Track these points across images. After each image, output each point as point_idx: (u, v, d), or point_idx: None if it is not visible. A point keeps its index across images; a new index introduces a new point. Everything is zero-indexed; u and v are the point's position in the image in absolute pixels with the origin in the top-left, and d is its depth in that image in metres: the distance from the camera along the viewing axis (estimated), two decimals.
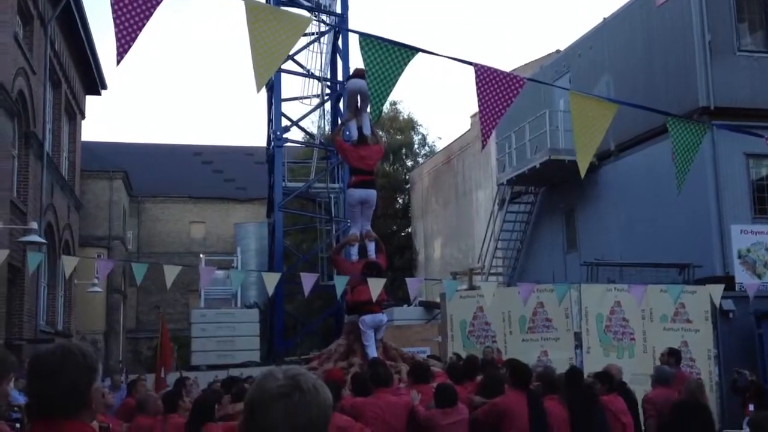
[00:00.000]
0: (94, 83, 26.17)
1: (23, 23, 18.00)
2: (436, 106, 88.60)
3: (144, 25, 3.13)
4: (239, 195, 44.46)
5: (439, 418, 7.31)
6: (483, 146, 4.94)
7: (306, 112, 24.94)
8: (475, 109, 29.39)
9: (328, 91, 24.57)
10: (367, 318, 9.83)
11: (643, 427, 8.34)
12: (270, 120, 24.71)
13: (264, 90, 25.47)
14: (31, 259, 9.10)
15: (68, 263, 8.48)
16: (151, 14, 3.17)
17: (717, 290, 10.29)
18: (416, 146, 42.66)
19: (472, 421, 7.49)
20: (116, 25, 3.09)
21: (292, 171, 27.42)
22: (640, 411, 8.78)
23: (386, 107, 42.58)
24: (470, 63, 4.70)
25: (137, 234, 43.19)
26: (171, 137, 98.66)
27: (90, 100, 27.12)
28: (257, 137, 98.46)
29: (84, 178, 30.62)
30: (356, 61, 21.01)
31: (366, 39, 4.25)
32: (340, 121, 23.00)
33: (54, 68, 20.95)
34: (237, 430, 7.39)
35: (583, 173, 5.17)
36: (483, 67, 4.65)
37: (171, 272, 8.00)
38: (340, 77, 23.89)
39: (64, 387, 2.47)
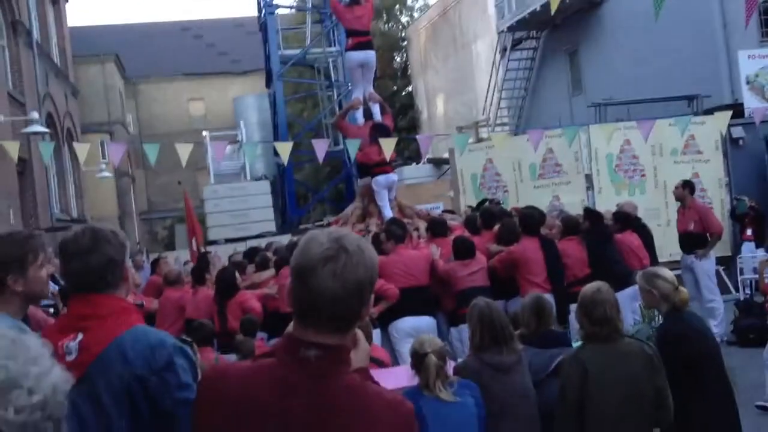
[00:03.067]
0: None
1: None
2: None
3: None
4: (234, 68, 43.70)
5: (459, 270, 7.48)
6: None
7: None
8: None
9: None
10: (381, 178, 9.83)
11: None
12: None
13: None
14: (43, 148, 9.05)
15: (80, 149, 8.44)
16: None
17: (724, 118, 10.20)
18: (410, 1, 41.38)
19: (490, 269, 7.66)
20: None
21: (286, 38, 26.78)
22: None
23: None
24: None
25: (137, 117, 42.88)
26: (158, 14, 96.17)
27: None
28: (246, 6, 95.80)
29: (76, 64, 30.05)
30: None
31: None
32: None
33: None
34: (268, 298, 7.61)
35: (554, 10, 5.06)
36: None
37: (184, 150, 7.96)
38: None
39: (100, 262, 2.50)
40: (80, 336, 2.43)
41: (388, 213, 9.79)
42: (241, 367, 2.03)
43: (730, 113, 10.60)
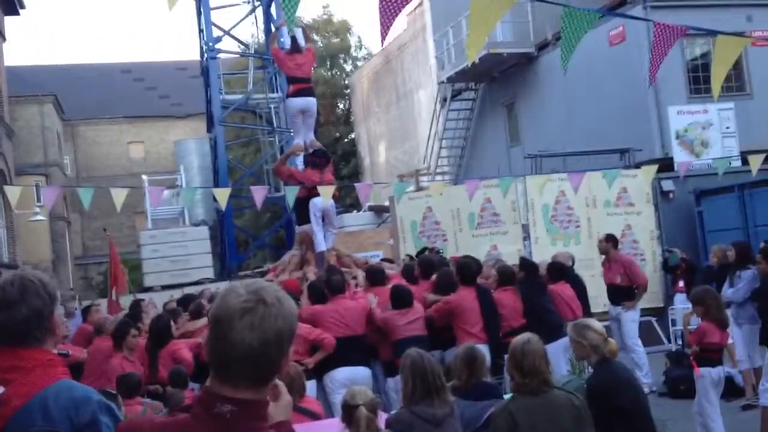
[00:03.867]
0: (12, 2, 24.89)
1: None
2: (369, 6, 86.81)
3: None
4: (176, 112, 43.49)
5: (396, 319, 7.47)
6: (382, 42, 4.86)
7: (238, 20, 24.17)
8: (412, 6, 28.72)
9: None
10: (317, 200, 9.69)
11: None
12: (201, 30, 23.91)
13: None
14: None
15: (11, 193, 8.23)
16: None
17: (650, 171, 10.54)
18: (353, 49, 41.95)
19: (427, 319, 7.68)
20: None
21: (228, 83, 26.83)
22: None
23: (318, 11, 41.59)
24: None
25: (74, 159, 42.16)
26: (99, 56, 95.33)
27: (9, 22, 25.85)
28: (189, 50, 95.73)
29: (12, 105, 29.48)
30: None
31: None
32: (273, 27, 22.43)
33: None
34: (202, 347, 7.48)
35: (470, 60, 5.28)
36: None
37: (119, 195, 7.83)
38: None
39: (26, 315, 2.45)
40: (1, 389, 2.37)
41: (321, 241, 9.71)
42: (157, 422, 2.00)
43: (656, 167, 10.96)
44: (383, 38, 4.70)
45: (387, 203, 18.05)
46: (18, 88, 32.00)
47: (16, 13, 25.70)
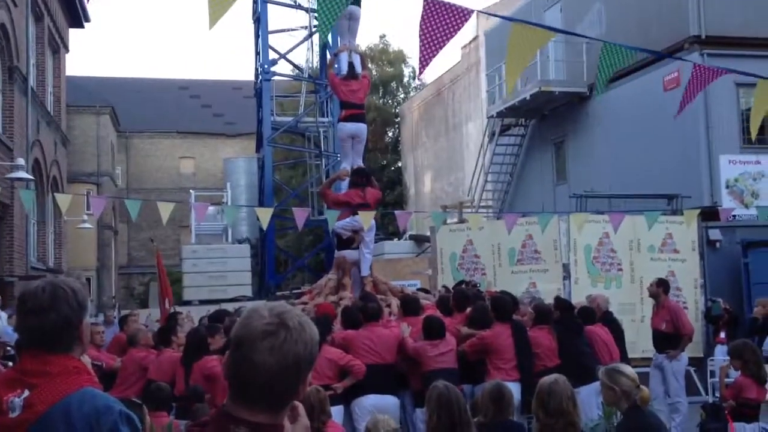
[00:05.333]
0: (77, 16, 25.61)
1: None
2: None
3: None
4: (228, 130, 44.14)
5: (428, 350, 7.43)
6: (420, 73, 4.97)
7: (294, 44, 24.54)
8: (466, 40, 28.88)
9: (315, 22, 24.14)
10: (358, 218, 9.77)
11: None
12: (257, 53, 24.33)
13: (251, 22, 25.02)
14: (24, 196, 9.05)
15: (61, 200, 8.43)
16: None
17: (693, 215, 10.37)
18: (406, 79, 42.22)
19: (459, 353, 7.63)
20: None
21: (280, 105, 27.17)
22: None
23: (376, 40, 42.01)
24: None
25: (126, 170, 42.99)
26: (157, 71, 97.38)
27: (74, 34, 26.60)
28: (245, 71, 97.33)
29: (70, 114, 30.24)
30: None
31: None
32: (328, 54, 22.71)
33: (36, 0, 20.48)
34: (223, 365, 7.52)
35: (509, 91, 5.37)
36: (433, 0, 4.55)
37: (165, 208, 7.96)
38: None
39: (55, 322, 2.48)
40: (27, 392, 2.40)
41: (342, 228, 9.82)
42: None
43: (698, 211, 10.78)
44: (422, 70, 4.76)
45: (428, 233, 18.05)
46: (77, 98, 32.86)
47: (81, 26, 26.44)
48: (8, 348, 7.92)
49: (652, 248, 13.05)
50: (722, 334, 12.00)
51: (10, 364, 6.54)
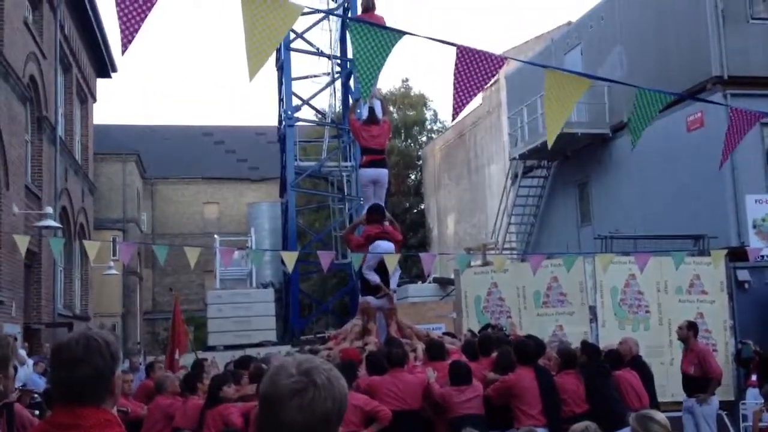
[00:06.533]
0: (105, 66, 26.18)
1: (32, 7, 17.99)
2: (448, 81, 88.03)
3: (147, 15, 3.13)
4: (252, 175, 44.53)
5: (455, 395, 7.36)
6: (453, 119, 4.98)
7: (316, 90, 24.84)
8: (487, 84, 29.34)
9: (338, 68, 24.47)
10: (381, 244, 9.86)
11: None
12: (281, 99, 24.67)
13: (274, 69, 25.41)
14: (53, 244, 9.17)
15: (90, 247, 8.54)
16: (153, 5, 3.17)
17: (720, 255, 10.24)
18: (428, 122, 42.51)
19: (485, 398, 7.55)
20: (120, 17, 3.09)
21: (304, 150, 27.41)
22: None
23: (398, 84, 42.42)
24: (453, 44, 4.70)
25: (151, 216, 43.41)
26: (182, 118, 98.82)
27: (101, 83, 27.15)
28: (268, 117, 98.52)
29: (97, 161, 30.74)
30: None
31: (354, 24, 4.27)
32: (351, 99, 22.97)
33: (64, 52, 20.96)
34: (252, 421, 7.46)
35: (550, 144, 5.24)
36: (465, 48, 4.64)
37: (192, 253, 8.04)
38: (350, 54, 23.78)
39: (88, 374, 2.50)
40: None
41: (374, 278, 9.87)
42: None
43: (725, 251, 10.63)
44: (454, 116, 4.80)
45: (452, 276, 17.96)
46: (103, 145, 33.40)
47: (108, 76, 26.99)
48: (35, 395, 7.94)
49: (679, 290, 12.89)
50: (753, 377, 11.77)
51: (37, 412, 6.55)
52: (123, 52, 3.17)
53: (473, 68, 4.52)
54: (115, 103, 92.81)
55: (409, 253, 20.70)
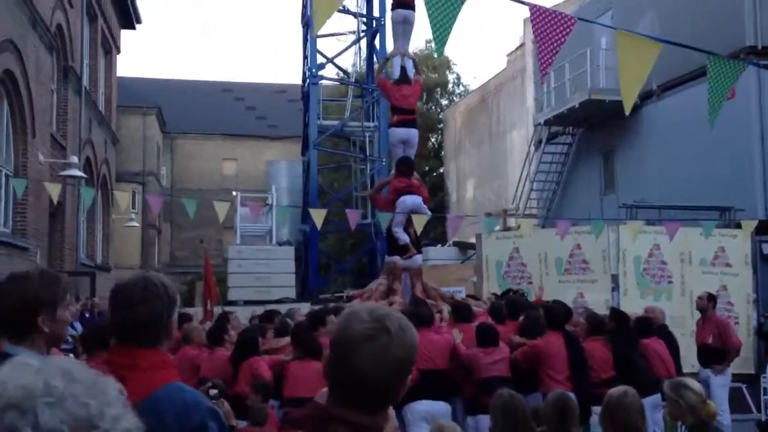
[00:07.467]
0: (129, 17, 26.04)
1: None
2: (472, 44, 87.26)
3: None
4: (271, 133, 44.43)
5: (481, 357, 7.39)
6: (543, 75, 4.92)
7: (341, 49, 24.64)
8: (512, 47, 28.83)
9: (363, 27, 24.22)
10: (407, 198, 9.87)
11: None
12: (305, 57, 24.49)
13: (299, 26, 25.21)
14: (85, 193, 9.22)
15: (121, 198, 8.59)
16: None
17: (750, 226, 10.17)
18: (451, 85, 42.13)
19: (512, 361, 7.56)
20: None
21: (326, 109, 27.28)
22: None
23: (421, 45, 41.98)
24: (525, 3, 4.68)
25: (170, 170, 43.50)
26: (204, 73, 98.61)
27: (124, 35, 27.02)
28: (289, 74, 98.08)
29: (118, 114, 30.77)
30: None
31: None
32: (376, 58, 22.77)
33: (90, 1, 20.85)
34: (282, 364, 7.53)
35: (627, 112, 5.10)
36: (537, 7, 4.63)
37: (221, 208, 8.06)
38: (376, 13, 23.52)
39: (147, 316, 2.51)
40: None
41: (405, 238, 9.83)
42: None
43: (756, 222, 10.55)
44: (543, 73, 4.78)
45: (471, 240, 17.94)
46: (124, 98, 33.36)
47: (133, 27, 26.86)
48: (69, 338, 8.02)
49: (703, 261, 12.83)
50: None
51: (71, 356, 6.63)
52: None
53: (549, 27, 4.48)
54: (137, 55, 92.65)
55: (436, 215, 20.69)
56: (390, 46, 15.16)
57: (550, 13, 4.76)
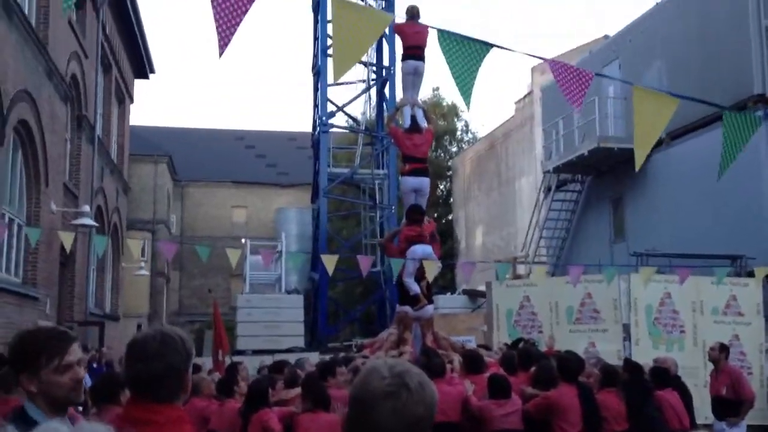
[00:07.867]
0: (143, 67, 26.44)
1: (76, 7, 18.21)
2: (480, 92, 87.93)
3: (243, 18, 3.16)
4: (281, 180, 44.69)
5: (493, 409, 7.30)
6: (578, 105, 4.96)
7: (352, 97, 24.89)
8: (520, 95, 29.12)
9: (374, 76, 24.51)
10: (417, 247, 9.83)
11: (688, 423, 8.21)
12: (316, 105, 24.74)
13: (310, 74, 25.50)
14: (98, 242, 9.28)
15: (133, 246, 8.62)
16: (248, 9, 3.20)
17: (762, 272, 10.11)
18: (459, 133, 42.42)
19: (524, 413, 7.47)
20: (216, 19, 3.10)
21: (336, 156, 27.48)
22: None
23: (429, 93, 42.38)
24: (543, 59, 4.76)
25: (180, 217, 43.68)
26: (215, 122, 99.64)
27: (137, 84, 27.40)
28: (299, 122, 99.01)
29: (130, 162, 31.03)
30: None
31: (444, 34, 4.26)
32: (385, 107, 22.98)
33: (105, 52, 21.19)
34: (292, 416, 7.46)
35: (638, 167, 5.11)
36: (555, 62, 4.72)
37: (233, 255, 8.08)
38: (386, 62, 23.82)
39: (163, 370, 2.51)
40: None
41: (416, 289, 9.79)
42: None
43: (766, 272, 10.47)
44: (579, 105, 4.83)
45: (481, 287, 17.88)
46: (136, 146, 33.68)
47: (146, 77, 27.25)
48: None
49: (715, 310, 12.73)
50: None
51: (81, 409, 6.57)
52: (220, 54, 3.18)
53: (569, 81, 4.57)
54: (150, 104, 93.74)
55: (447, 262, 20.63)
56: (399, 94, 15.33)
57: (570, 68, 4.86)
